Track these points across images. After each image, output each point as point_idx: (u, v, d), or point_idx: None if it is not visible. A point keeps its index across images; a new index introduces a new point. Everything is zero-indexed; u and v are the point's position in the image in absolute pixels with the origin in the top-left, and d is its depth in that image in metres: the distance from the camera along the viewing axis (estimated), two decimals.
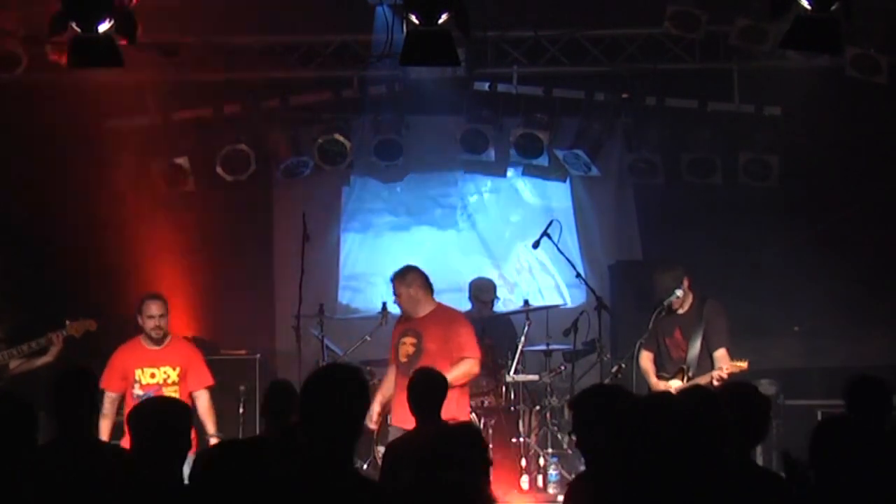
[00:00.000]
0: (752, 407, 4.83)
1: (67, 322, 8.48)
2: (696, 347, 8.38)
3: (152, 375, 8.14)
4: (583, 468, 5.25)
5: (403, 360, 8.18)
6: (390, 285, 8.36)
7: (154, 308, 8.18)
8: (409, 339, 8.22)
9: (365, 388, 4.35)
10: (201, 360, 8.37)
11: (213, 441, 7.95)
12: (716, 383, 8.09)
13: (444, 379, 6.79)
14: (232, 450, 4.00)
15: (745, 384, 6.39)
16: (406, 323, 8.34)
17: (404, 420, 7.98)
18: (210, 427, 8.18)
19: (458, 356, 8.09)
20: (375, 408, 8.31)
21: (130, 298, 9.55)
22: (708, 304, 8.49)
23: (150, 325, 8.16)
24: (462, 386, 8.11)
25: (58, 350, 8.45)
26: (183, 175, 10.55)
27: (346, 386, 4.25)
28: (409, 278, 8.30)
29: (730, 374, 8.10)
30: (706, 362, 8.39)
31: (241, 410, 9.66)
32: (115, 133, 10.42)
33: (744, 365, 8.14)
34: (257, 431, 9.62)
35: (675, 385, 8.36)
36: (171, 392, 8.05)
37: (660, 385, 8.47)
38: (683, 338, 8.48)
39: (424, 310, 8.28)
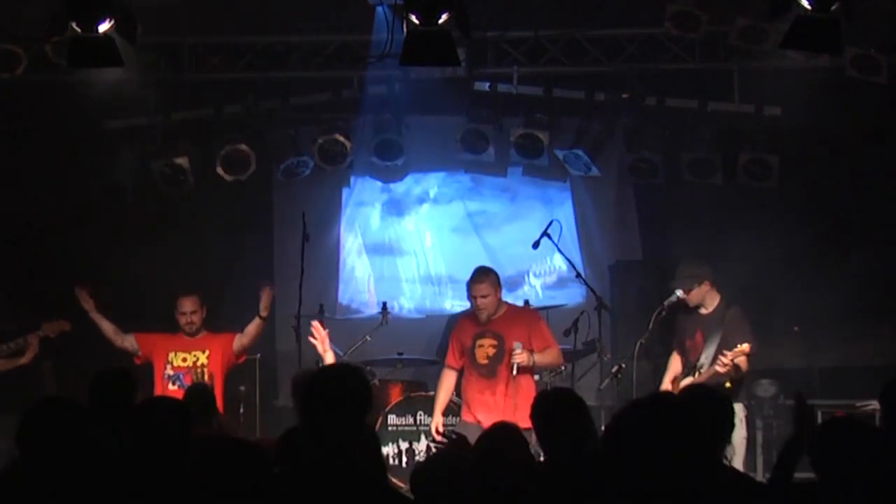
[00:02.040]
0: (714, 408, 4.83)
1: (43, 323, 8.61)
2: (711, 349, 8.38)
3: (184, 359, 8.74)
4: None
5: (483, 361, 8.42)
6: (474, 288, 8.45)
7: (185, 304, 8.82)
8: (487, 341, 8.45)
9: (367, 388, 4.36)
10: (225, 333, 8.95)
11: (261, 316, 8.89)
12: (721, 370, 8.12)
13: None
14: (234, 450, 3.99)
15: (703, 386, 6.45)
16: (478, 325, 8.49)
17: (477, 417, 8.20)
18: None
19: (544, 346, 8.41)
20: (438, 417, 8.66)
21: (130, 298, 9.58)
22: (732, 311, 8.53)
23: (182, 320, 8.80)
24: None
25: (33, 352, 8.61)
26: (183, 175, 10.54)
27: (348, 386, 4.26)
28: (495, 280, 8.52)
29: (733, 360, 8.10)
30: None
31: (241, 411, 9.68)
32: (115, 133, 10.42)
33: (745, 348, 8.13)
34: (258, 432, 9.64)
35: (686, 384, 8.42)
36: (200, 373, 8.71)
37: (665, 387, 8.50)
38: (703, 340, 8.50)
39: (500, 311, 8.52)
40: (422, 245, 11.47)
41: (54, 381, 9.27)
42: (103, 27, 7.69)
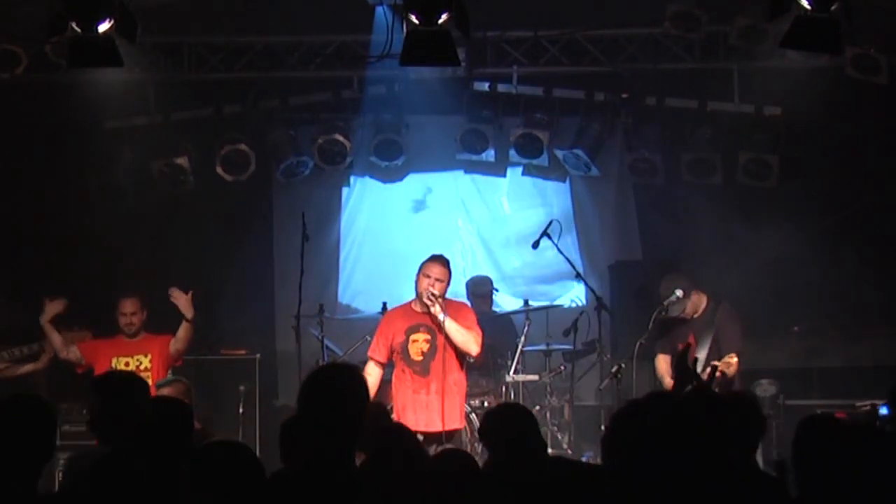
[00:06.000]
0: (745, 413, 4.85)
1: (62, 332, 8.60)
2: (704, 349, 8.39)
3: (126, 364, 8.62)
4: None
5: (417, 358, 8.07)
6: (428, 267, 8.09)
7: (126, 305, 8.75)
8: (421, 336, 8.11)
9: (364, 387, 4.35)
10: (163, 335, 8.77)
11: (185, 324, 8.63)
12: (706, 378, 8.13)
13: None
14: (234, 450, 4.00)
15: (739, 391, 6.49)
16: (410, 318, 8.18)
17: (413, 423, 7.99)
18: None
19: (465, 326, 8.02)
20: None
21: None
22: (721, 309, 8.53)
23: (122, 321, 8.73)
24: (461, 359, 8.10)
25: (48, 358, 8.59)
26: (183, 175, 10.55)
27: (346, 385, 4.26)
28: (448, 270, 8.18)
29: (721, 371, 8.09)
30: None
31: (240, 410, 9.67)
32: (115, 133, 10.42)
33: (733, 360, 8.14)
34: (257, 432, 9.64)
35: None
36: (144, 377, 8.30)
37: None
38: (696, 342, 8.50)
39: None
40: (422, 244, 11.46)
41: (46, 385, 9.22)
42: (103, 27, 7.70)
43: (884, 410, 7.92)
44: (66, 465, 5.18)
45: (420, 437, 7.90)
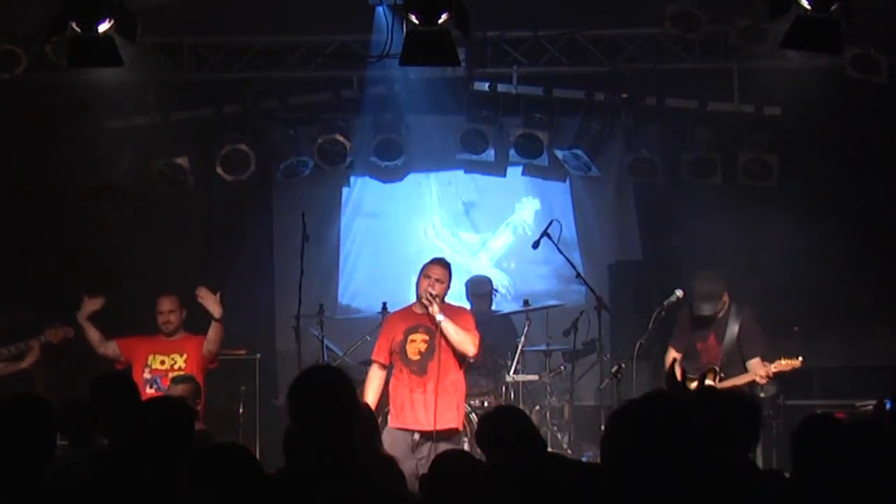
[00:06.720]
0: (744, 411, 4.88)
1: (46, 329, 8.60)
2: (726, 348, 8.51)
3: (162, 362, 8.65)
4: None
5: (415, 357, 8.03)
6: (430, 268, 8.05)
7: (163, 304, 8.77)
8: (420, 336, 8.07)
9: (350, 386, 4.34)
10: (202, 336, 8.76)
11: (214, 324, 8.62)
12: (761, 381, 8.30)
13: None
14: (233, 451, 4.00)
15: (735, 391, 6.55)
16: (409, 319, 8.18)
17: (406, 422, 7.99)
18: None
19: (463, 329, 7.99)
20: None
21: (130, 299, 9.58)
22: (744, 311, 8.63)
23: (160, 319, 8.76)
24: (460, 359, 8.05)
25: (34, 357, 8.61)
26: (183, 175, 10.55)
27: (333, 387, 4.26)
28: (450, 272, 8.15)
29: (777, 373, 8.26)
30: (736, 366, 8.45)
31: (241, 410, 9.69)
32: (115, 133, 10.42)
33: (797, 363, 8.25)
34: (257, 432, 9.65)
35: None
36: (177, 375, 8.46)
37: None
38: (717, 342, 8.55)
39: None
40: (421, 244, 11.48)
41: (43, 384, 9.24)
42: (103, 27, 7.71)
43: (889, 405, 7.98)
44: None
45: (417, 436, 7.96)
